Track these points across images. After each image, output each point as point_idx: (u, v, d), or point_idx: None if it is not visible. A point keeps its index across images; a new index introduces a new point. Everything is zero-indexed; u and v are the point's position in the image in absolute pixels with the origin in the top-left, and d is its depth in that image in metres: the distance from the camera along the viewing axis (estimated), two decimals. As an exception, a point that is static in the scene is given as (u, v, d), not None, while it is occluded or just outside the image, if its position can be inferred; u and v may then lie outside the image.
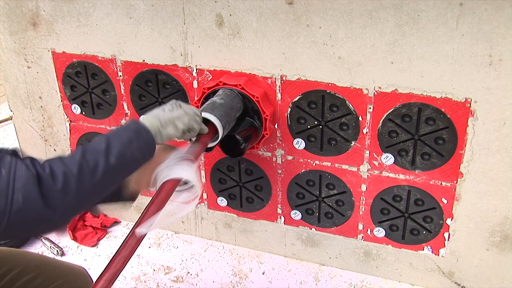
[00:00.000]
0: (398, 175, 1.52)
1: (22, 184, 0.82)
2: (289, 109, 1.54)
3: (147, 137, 1.04)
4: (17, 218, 0.81)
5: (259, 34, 1.46)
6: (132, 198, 1.19)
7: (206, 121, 1.33)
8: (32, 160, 0.87)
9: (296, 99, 1.52)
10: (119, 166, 0.95)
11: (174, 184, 1.08)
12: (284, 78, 1.50)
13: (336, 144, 1.54)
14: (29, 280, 1.12)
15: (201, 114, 1.27)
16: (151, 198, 1.07)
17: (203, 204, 1.86)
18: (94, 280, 0.94)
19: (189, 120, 1.16)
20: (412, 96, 1.39)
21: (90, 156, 0.92)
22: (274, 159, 1.65)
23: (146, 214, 1.02)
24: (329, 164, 1.59)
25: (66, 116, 1.90)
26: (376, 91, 1.42)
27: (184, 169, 1.10)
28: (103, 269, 0.94)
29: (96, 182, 0.91)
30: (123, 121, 1.80)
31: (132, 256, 1.00)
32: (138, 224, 1.00)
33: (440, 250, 1.59)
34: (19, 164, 0.84)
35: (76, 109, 1.85)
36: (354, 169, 1.56)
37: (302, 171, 1.63)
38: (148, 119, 1.09)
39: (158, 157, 1.14)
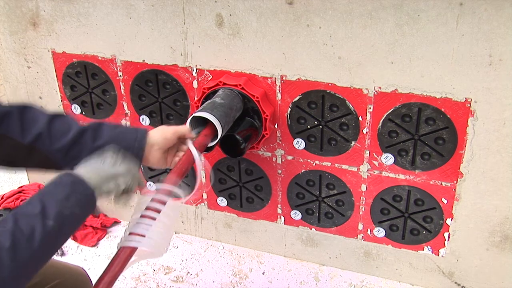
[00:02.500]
0: (398, 175, 1.52)
1: None
2: (289, 109, 1.54)
3: (85, 190, 0.91)
4: None
5: (259, 34, 1.46)
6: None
7: (205, 121, 1.34)
8: None
9: (296, 99, 1.52)
10: (58, 228, 0.84)
11: (130, 254, 0.97)
12: (284, 78, 1.50)
13: (336, 144, 1.54)
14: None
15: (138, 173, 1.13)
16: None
17: (203, 204, 1.86)
18: (93, 281, 0.92)
19: (132, 180, 1.01)
20: (412, 96, 1.39)
21: (24, 222, 0.80)
22: (274, 159, 1.65)
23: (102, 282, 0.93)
24: (329, 164, 1.59)
25: (66, 116, 1.90)
26: (376, 91, 1.42)
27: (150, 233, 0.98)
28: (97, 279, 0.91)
29: (34, 250, 0.80)
30: (123, 121, 1.80)
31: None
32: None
33: (440, 250, 1.59)
34: None
35: (76, 109, 1.86)
36: (354, 169, 1.56)
37: (302, 171, 1.63)
38: (86, 172, 0.95)
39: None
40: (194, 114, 1.35)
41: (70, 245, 1.92)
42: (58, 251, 1.86)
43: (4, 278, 0.75)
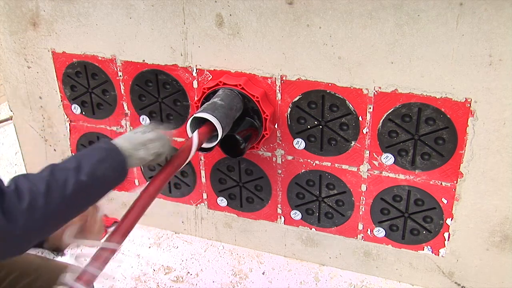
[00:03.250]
0: (398, 175, 1.52)
1: None
2: (289, 109, 1.54)
3: (119, 157, 0.99)
4: None
5: (259, 34, 1.46)
6: (55, 249, 1.13)
7: (206, 121, 1.34)
8: None
9: (296, 99, 1.52)
10: (90, 184, 0.91)
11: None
12: (284, 78, 1.50)
13: (336, 144, 1.54)
14: (29, 283, 1.11)
15: (170, 139, 1.20)
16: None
17: (203, 204, 1.86)
18: None
19: (161, 145, 1.11)
20: (412, 96, 1.39)
21: (59, 173, 0.88)
22: (274, 159, 1.65)
23: None
24: (329, 164, 1.59)
25: (66, 116, 1.90)
26: (376, 91, 1.42)
27: None
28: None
29: (65, 200, 0.86)
30: (122, 121, 1.80)
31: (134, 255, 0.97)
32: None
33: (440, 250, 1.59)
34: None
35: (76, 109, 1.86)
36: (354, 169, 1.56)
37: (302, 171, 1.63)
38: (120, 141, 1.04)
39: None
40: (195, 115, 1.35)
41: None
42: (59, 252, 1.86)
43: (36, 220, 0.82)
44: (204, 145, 1.35)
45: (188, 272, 1.79)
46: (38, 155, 2.04)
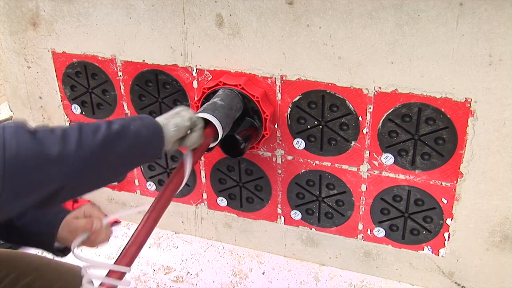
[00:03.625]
0: (398, 175, 1.52)
1: (13, 132, 0.76)
2: (289, 109, 1.54)
3: (153, 121, 1.01)
4: (15, 165, 0.74)
5: (259, 34, 1.46)
6: (63, 251, 1.13)
7: (206, 122, 1.33)
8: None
9: (296, 99, 1.52)
10: (121, 135, 0.90)
11: None
12: (284, 78, 1.50)
13: (336, 144, 1.54)
14: (28, 283, 1.11)
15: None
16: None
17: (203, 204, 1.86)
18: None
19: (193, 115, 1.16)
20: (412, 96, 1.39)
21: (92, 124, 0.88)
22: (274, 159, 1.65)
23: None
24: (329, 164, 1.59)
25: (66, 116, 1.90)
26: (376, 91, 1.42)
27: None
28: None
29: (96, 145, 0.85)
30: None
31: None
32: None
33: (440, 250, 1.59)
34: (8, 124, 0.79)
35: (76, 109, 1.86)
36: (354, 169, 1.56)
37: (302, 171, 1.63)
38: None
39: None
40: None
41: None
42: None
43: (68, 151, 0.81)
44: None
45: (188, 272, 1.79)
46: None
